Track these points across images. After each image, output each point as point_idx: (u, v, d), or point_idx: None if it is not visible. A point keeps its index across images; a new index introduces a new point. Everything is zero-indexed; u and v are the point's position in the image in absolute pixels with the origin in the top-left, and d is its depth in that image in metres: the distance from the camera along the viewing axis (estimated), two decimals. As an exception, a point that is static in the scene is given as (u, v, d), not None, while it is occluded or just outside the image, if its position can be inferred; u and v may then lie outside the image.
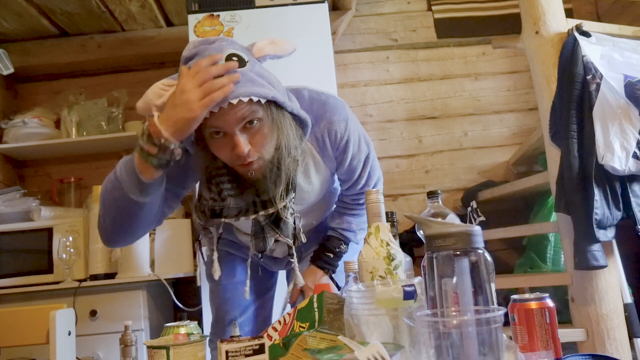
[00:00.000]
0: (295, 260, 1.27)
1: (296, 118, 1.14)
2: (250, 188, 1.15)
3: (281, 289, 1.59)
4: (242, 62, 1.04)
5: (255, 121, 1.05)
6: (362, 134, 1.33)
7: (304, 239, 1.28)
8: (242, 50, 1.08)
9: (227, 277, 1.47)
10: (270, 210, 1.18)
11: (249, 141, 1.05)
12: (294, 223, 1.24)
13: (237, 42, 1.11)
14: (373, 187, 1.41)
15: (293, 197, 1.21)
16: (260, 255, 1.32)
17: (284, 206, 1.19)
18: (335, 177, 1.41)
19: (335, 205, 1.49)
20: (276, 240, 1.25)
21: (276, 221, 1.22)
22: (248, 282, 1.29)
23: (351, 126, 1.26)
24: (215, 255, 1.26)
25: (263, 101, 1.03)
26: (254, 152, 1.07)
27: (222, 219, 1.19)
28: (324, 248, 1.42)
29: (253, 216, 1.18)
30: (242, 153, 1.04)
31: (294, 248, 1.25)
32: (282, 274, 1.66)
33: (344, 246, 1.43)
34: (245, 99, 1.00)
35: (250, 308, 1.49)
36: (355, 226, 1.44)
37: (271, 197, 1.16)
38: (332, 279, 1.40)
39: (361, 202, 1.42)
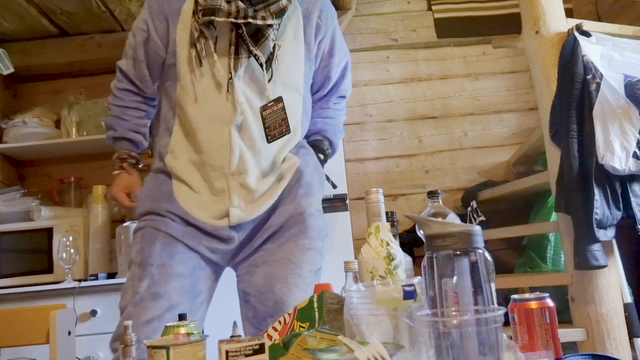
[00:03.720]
0: (266, 76, 1.33)
1: None
2: None
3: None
4: None
5: None
6: None
7: (276, 62, 1.34)
8: None
9: (160, 265, 1.26)
10: (259, 22, 1.27)
11: None
12: (273, 50, 1.32)
13: None
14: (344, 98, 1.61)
15: (279, 23, 1.33)
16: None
17: (269, 25, 1.28)
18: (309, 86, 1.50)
19: (313, 120, 1.55)
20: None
21: (256, 37, 1.29)
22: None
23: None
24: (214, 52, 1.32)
25: None
26: None
27: (214, 17, 1.25)
28: (315, 149, 1.50)
29: (242, 20, 1.25)
30: None
31: (264, 66, 1.31)
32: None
33: (330, 150, 1.55)
34: None
35: (175, 310, 1.25)
36: (340, 133, 1.58)
37: (263, 15, 1.27)
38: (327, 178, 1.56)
39: (340, 106, 1.59)
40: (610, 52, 1.96)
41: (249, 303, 1.33)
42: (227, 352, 0.73)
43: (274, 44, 1.32)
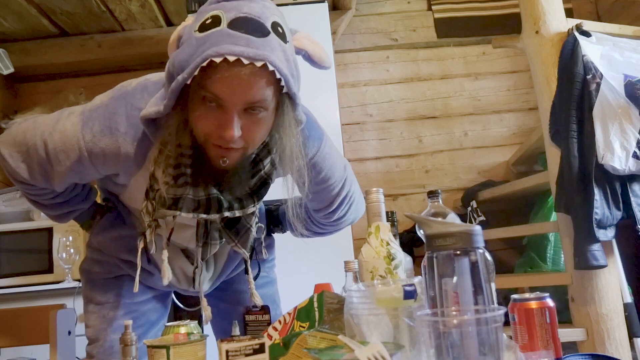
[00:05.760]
0: (250, 277, 1.11)
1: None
2: (212, 179, 0.95)
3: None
4: (283, 38, 0.87)
5: (261, 110, 0.87)
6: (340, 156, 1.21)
7: (264, 255, 1.17)
8: (286, 25, 0.90)
9: (128, 296, 1.25)
10: (237, 213, 0.99)
11: (241, 126, 0.87)
12: (256, 234, 1.08)
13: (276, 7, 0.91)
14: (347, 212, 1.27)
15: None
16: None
17: (252, 212, 1.03)
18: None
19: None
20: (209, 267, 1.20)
21: (232, 226, 1.04)
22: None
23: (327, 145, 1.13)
24: (165, 255, 1.02)
25: (284, 90, 0.87)
26: (240, 141, 0.89)
27: (178, 212, 0.94)
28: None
29: (216, 215, 0.97)
30: (231, 137, 0.86)
31: (249, 262, 1.10)
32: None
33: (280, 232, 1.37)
34: (271, 68, 0.82)
35: (151, 331, 1.26)
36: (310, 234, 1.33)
37: (239, 197, 0.99)
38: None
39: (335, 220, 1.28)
40: (610, 52, 1.96)
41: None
42: (227, 351, 0.73)
43: (257, 227, 1.07)
